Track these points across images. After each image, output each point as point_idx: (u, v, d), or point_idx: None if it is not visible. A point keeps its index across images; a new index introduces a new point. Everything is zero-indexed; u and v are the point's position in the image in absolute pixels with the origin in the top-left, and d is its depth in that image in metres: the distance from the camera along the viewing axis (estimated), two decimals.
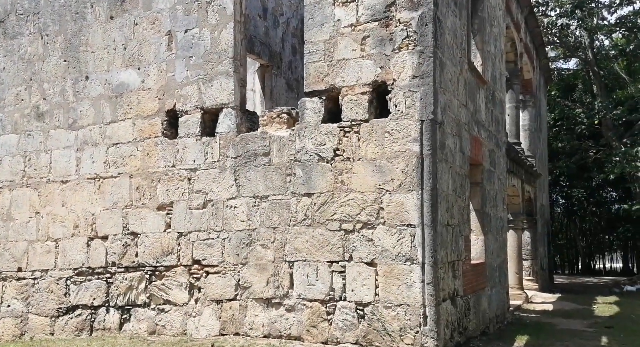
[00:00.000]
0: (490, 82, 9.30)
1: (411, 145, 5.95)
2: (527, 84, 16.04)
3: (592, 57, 22.14)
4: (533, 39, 15.71)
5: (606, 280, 23.32)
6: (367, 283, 6.02)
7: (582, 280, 23.80)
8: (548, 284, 17.92)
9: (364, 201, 6.13)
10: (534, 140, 16.29)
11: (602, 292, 16.88)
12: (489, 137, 9.07)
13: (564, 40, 22.77)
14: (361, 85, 6.25)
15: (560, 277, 25.92)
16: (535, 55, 16.49)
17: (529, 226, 15.85)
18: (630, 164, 19.14)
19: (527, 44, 14.49)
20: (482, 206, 8.54)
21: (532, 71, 16.06)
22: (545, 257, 18.51)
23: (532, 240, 15.96)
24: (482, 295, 7.97)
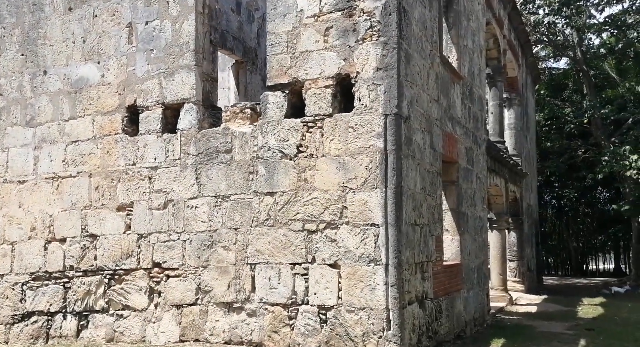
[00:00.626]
0: (467, 77, 9.06)
1: (375, 141, 5.68)
2: (512, 81, 15.83)
3: (581, 56, 21.99)
4: (518, 36, 15.51)
5: (597, 281, 23.17)
6: (330, 286, 5.74)
7: (573, 281, 23.63)
8: (536, 285, 17.70)
9: (328, 199, 5.85)
10: (520, 139, 16.07)
11: (590, 293, 16.68)
12: (465, 135, 8.82)
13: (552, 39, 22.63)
14: (324, 79, 5.98)
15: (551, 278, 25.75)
16: (521, 53, 16.29)
17: (514, 227, 15.64)
18: (619, 163, 18.98)
19: (511, 41, 14.28)
20: (457, 205, 8.28)
21: (518, 69, 15.85)
22: (533, 258, 18.29)
23: (518, 241, 15.74)
24: (457, 297, 7.71)
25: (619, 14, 21.44)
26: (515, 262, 15.72)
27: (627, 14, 21.11)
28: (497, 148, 12.20)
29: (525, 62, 17.27)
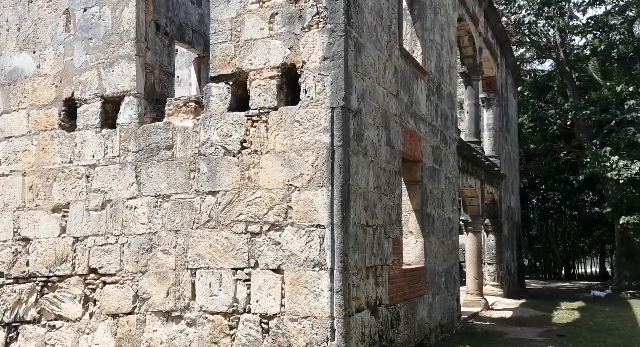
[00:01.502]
0: (435, 73, 8.70)
1: (321, 135, 5.27)
2: (491, 81, 15.53)
3: (564, 57, 21.82)
4: (496, 35, 15.23)
5: (580, 285, 22.95)
6: (272, 293, 5.31)
7: (557, 285, 23.40)
8: (517, 289, 17.38)
9: (272, 199, 5.43)
10: (499, 140, 15.76)
11: (570, 297, 16.41)
12: (432, 133, 8.45)
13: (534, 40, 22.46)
14: (269, 69, 5.56)
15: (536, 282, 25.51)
16: (500, 52, 16.01)
17: (493, 229, 15.31)
18: (600, 165, 18.79)
19: (488, 40, 13.98)
20: (422, 205, 7.90)
21: (497, 68, 15.56)
22: (514, 261, 17.99)
23: (497, 243, 15.40)
24: (419, 303, 7.31)
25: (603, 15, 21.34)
26: (494, 265, 15.38)
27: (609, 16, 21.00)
28: (471, 148, 11.87)
29: (505, 62, 17.00)
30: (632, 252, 21.10)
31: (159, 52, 8.58)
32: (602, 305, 14.27)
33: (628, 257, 21.15)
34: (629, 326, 9.66)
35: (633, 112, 19.43)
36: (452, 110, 9.90)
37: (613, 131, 20.00)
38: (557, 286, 22.59)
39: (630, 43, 21.73)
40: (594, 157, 18.93)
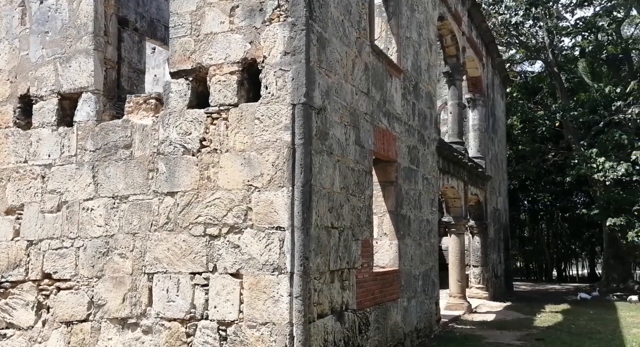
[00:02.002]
0: (411, 72, 8.51)
1: (282, 133, 5.04)
2: (476, 81, 15.38)
3: (553, 58, 21.73)
4: (481, 35, 15.07)
5: (569, 287, 22.85)
6: (231, 298, 5.06)
7: (546, 287, 23.29)
8: (504, 291, 17.22)
9: (231, 200, 5.19)
10: (485, 141, 15.60)
11: (557, 300, 16.28)
12: (408, 132, 8.25)
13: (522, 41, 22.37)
14: (230, 64, 5.33)
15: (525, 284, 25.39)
16: (486, 52, 15.86)
17: (478, 231, 15.14)
18: (586, 166, 18.69)
19: (472, 39, 13.82)
20: (396, 207, 7.69)
21: (482, 69, 15.41)
22: (501, 263, 17.83)
23: (482, 246, 15.22)
24: (392, 307, 7.09)
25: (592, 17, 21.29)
26: (479, 268, 15.20)
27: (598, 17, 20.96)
28: (453, 149, 11.69)
29: (491, 62, 16.85)
30: (620, 254, 21.02)
31: (128, 49, 8.35)
32: (588, 307, 14.14)
33: (616, 259, 21.06)
34: (611, 329, 9.50)
35: (620, 113, 19.35)
36: (432, 110, 9.71)
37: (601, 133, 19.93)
38: (546, 288, 22.48)
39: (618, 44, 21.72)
40: (581, 158, 18.84)
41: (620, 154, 18.67)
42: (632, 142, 17.93)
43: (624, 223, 17.83)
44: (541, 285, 24.94)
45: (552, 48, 21.93)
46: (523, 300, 16.21)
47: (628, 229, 17.67)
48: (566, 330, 9.34)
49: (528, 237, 33.04)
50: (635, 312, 13.05)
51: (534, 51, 22.82)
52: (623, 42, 21.66)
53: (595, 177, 18.54)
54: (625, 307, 14.41)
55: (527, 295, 18.87)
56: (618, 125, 19.64)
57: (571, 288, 21.83)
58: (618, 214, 18.19)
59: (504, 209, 19.39)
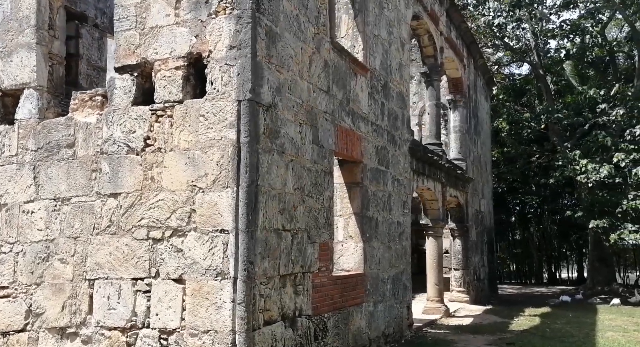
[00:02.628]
0: (380, 71, 8.30)
1: (227, 131, 4.80)
2: (457, 82, 15.23)
3: (538, 60, 21.65)
4: (462, 35, 14.93)
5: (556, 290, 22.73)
6: (173, 305, 4.80)
7: (533, 290, 23.18)
8: (487, 295, 17.04)
9: (175, 201, 4.93)
10: (466, 143, 15.43)
11: (540, 303, 16.14)
12: (376, 132, 8.03)
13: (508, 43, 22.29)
14: (175, 59, 5.09)
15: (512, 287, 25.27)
16: (467, 53, 15.71)
17: (459, 234, 14.95)
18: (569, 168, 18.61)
19: (451, 40, 13.66)
20: (362, 208, 7.46)
21: (463, 70, 15.26)
22: (484, 266, 17.66)
23: (463, 248, 15.02)
24: (355, 312, 6.86)
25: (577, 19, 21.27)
26: (460, 271, 15.00)
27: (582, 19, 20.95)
28: (428, 150, 11.50)
29: (473, 63, 16.71)
30: (605, 256, 20.93)
31: (87, 45, 8.08)
32: (569, 310, 14.00)
33: (601, 261, 20.96)
34: (585, 332, 9.34)
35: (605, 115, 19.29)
36: (404, 110, 9.51)
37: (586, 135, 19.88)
38: (533, 291, 22.37)
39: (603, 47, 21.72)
40: (565, 160, 18.75)
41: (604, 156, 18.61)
42: (616, 144, 17.85)
43: (606, 225, 17.73)
44: (529, 288, 24.84)
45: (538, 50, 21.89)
46: (506, 303, 16.05)
47: (611, 231, 17.57)
48: (540, 334, 9.15)
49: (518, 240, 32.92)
50: (615, 315, 12.92)
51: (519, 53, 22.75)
52: (608, 44, 21.67)
53: (578, 179, 18.48)
54: (606, 310, 14.28)
55: (512, 298, 18.73)
56: (603, 127, 19.60)
57: (557, 291, 21.70)
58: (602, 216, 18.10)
59: (488, 211, 19.25)
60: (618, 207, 17.36)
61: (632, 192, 17.51)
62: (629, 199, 17.27)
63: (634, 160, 16.92)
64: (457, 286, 15.00)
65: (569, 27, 21.60)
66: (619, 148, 17.44)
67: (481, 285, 16.84)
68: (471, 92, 16.47)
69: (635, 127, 17.63)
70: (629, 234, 17.11)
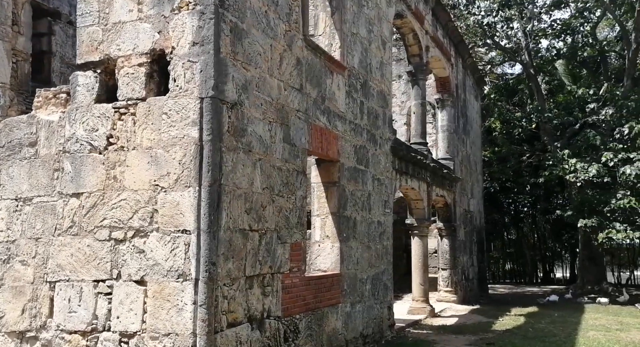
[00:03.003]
0: (359, 69, 8.21)
1: (190, 129, 4.69)
2: (444, 81, 15.16)
3: (529, 60, 21.57)
4: (449, 34, 14.86)
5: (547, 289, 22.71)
6: (134, 307, 4.69)
7: (525, 290, 23.16)
8: (476, 294, 16.99)
9: (137, 201, 4.82)
10: (454, 142, 15.37)
11: (529, 302, 16.10)
12: (354, 131, 7.94)
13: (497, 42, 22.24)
14: (138, 55, 4.97)
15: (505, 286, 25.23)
16: (455, 52, 15.64)
17: (447, 233, 14.89)
18: (558, 167, 18.58)
19: (437, 38, 13.58)
20: (339, 208, 7.36)
21: (451, 69, 15.19)
22: (473, 266, 17.60)
23: (451, 248, 14.95)
24: (330, 313, 6.75)
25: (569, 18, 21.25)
26: (448, 270, 14.93)
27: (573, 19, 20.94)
28: (412, 149, 11.42)
29: (462, 62, 16.65)
30: (594, 255, 20.90)
31: (60, 42, 7.95)
32: (556, 310, 13.95)
33: (590, 260, 20.93)
34: (567, 332, 9.28)
35: (594, 115, 19.27)
36: (385, 109, 9.42)
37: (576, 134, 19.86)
38: (524, 291, 22.34)
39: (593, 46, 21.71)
40: (555, 160, 18.71)
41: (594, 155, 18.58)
42: (605, 143, 17.81)
43: (595, 224, 17.69)
44: (521, 288, 24.80)
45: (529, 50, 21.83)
46: (495, 303, 16.00)
47: (599, 231, 17.54)
48: (522, 334, 9.08)
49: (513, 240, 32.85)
50: (601, 314, 12.88)
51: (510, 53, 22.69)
52: (598, 44, 21.66)
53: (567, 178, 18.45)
54: (593, 309, 14.25)
55: (502, 298, 18.69)
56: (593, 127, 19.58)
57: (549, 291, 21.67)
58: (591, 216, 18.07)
59: (478, 211, 19.21)
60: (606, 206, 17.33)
61: (620, 191, 17.48)
62: (617, 198, 17.23)
63: (622, 159, 16.90)
64: (445, 285, 14.94)
65: (559, 26, 21.60)
66: (607, 147, 17.41)
67: (470, 285, 16.78)
68: (459, 91, 16.42)
69: (624, 127, 17.59)
70: (617, 233, 17.08)
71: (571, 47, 21.91)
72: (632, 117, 17.20)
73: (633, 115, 17.29)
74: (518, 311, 13.32)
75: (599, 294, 18.22)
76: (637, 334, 9.16)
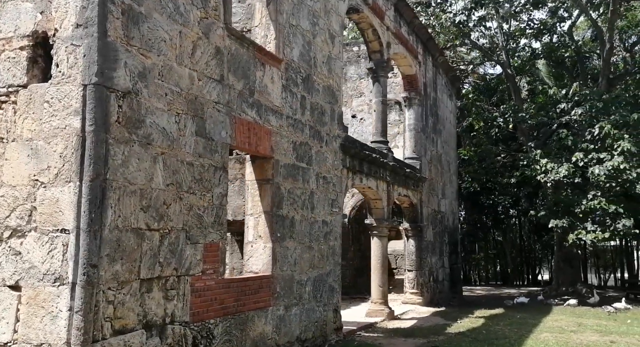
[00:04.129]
0: (300, 62, 7.85)
1: (72, 119, 4.30)
2: (411, 80, 14.86)
3: (506, 59, 21.35)
4: (416, 31, 14.56)
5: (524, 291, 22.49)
6: (6, 315, 4.28)
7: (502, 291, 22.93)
8: (447, 297, 16.68)
9: (16, 198, 4.42)
10: (421, 141, 15.05)
11: (496, 304, 15.86)
12: (293, 127, 7.58)
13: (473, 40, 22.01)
14: (20, 38, 4.58)
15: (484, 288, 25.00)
16: (424, 50, 15.36)
17: (413, 234, 14.57)
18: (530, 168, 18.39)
19: (401, 35, 13.27)
20: (272, 207, 7.00)
21: (419, 66, 14.90)
22: (444, 267, 17.31)
23: (417, 249, 14.63)
24: (257, 317, 6.37)
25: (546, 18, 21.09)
26: (414, 272, 14.60)
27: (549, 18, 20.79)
28: (369, 147, 11.10)
29: (432, 60, 16.36)
30: (570, 257, 20.73)
31: None
32: (521, 312, 13.72)
33: (565, 262, 20.76)
34: (520, 334, 9.00)
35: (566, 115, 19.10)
36: (333, 105, 9.07)
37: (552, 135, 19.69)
38: (501, 293, 22.09)
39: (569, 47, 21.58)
40: (528, 160, 18.51)
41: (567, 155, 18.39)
42: (576, 143, 17.64)
43: (566, 225, 17.50)
44: (499, 289, 24.57)
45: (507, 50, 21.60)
46: (464, 305, 15.73)
47: (570, 231, 17.35)
48: (473, 336, 8.78)
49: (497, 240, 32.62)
50: (565, 316, 12.65)
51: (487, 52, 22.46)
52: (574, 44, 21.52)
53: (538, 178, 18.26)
54: (559, 311, 14.03)
55: (475, 300, 18.44)
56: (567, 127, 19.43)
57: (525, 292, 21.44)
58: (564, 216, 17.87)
59: (450, 211, 18.89)
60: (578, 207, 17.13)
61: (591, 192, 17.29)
62: (588, 199, 17.05)
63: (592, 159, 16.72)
64: (411, 287, 14.62)
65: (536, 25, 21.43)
66: (580, 148, 17.22)
67: (439, 286, 16.48)
68: (429, 89, 16.12)
69: (594, 127, 17.42)
70: (586, 234, 16.90)
71: (547, 47, 21.78)
72: (602, 118, 17.03)
73: (604, 115, 17.12)
74: (481, 313, 13.05)
75: (573, 295, 18.03)
76: (590, 336, 8.92)
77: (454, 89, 20.98)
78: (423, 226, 14.81)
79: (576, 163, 16.96)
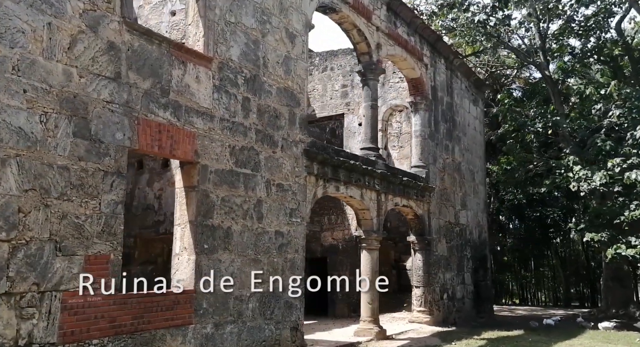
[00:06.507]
0: (241, 62, 7.31)
1: None
2: (417, 83, 13.95)
3: (543, 61, 19.75)
4: (419, 32, 13.69)
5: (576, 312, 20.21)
6: None
7: (547, 312, 20.84)
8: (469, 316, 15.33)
9: None
10: (429, 148, 14.02)
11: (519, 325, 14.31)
12: (230, 130, 7.02)
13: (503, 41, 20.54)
14: None
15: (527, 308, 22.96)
16: (431, 52, 14.43)
17: (420, 248, 13.48)
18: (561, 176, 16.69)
19: (397, 36, 12.46)
20: (198, 216, 6.43)
21: (424, 69, 13.99)
22: (464, 284, 15.97)
23: (424, 264, 13.51)
24: (168, 335, 5.75)
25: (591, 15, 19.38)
26: (421, 288, 13.47)
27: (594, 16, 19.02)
28: (346, 154, 10.33)
29: (445, 63, 15.37)
30: (620, 275, 18.54)
31: None
32: (541, 334, 12.24)
33: (615, 280, 18.59)
34: None
35: (606, 118, 17.27)
36: (294, 109, 8.44)
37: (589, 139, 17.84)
38: (543, 314, 19.99)
39: (616, 43, 19.61)
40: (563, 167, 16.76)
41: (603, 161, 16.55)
42: (615, 148, 15.72)
43: (605, 239, 15.60)
44: (546, 310, 22.36)
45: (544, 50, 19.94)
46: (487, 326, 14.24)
47: (609, 246, 15.39)
48: None
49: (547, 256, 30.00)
50: (589, 340, 11.12)
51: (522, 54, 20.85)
52: (622, 41, 19.50)
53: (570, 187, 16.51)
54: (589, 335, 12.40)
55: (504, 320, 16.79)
56: (609, 130, 17.57)
57: (570, 313, 19.33)
58: (604, 229, 15.97)
59: (475, 224, 17.46)
60: (616, 218, 15.21)
61: (634, 201, 15.25)
62: (631, 210, 15.10)
63: (631, 164, 14.80)
64: (418, 305, 13.45)
65: (582, 23, 19.61)
66: (620, 153, 15.34)
67: (457, 305, 15.17)
68: (440, 94, 15.10)
69: (636, 130, 15.43)
70: (626, 248, 14.94)
71: (597, 46, 19.78)
72: None
73: None
74: (490, 334, 11.73)
75: (624, 318, 16.02)
76: None
77: (480, 93, 19.68)
78: (431, 239, 13.68)
79: (613, 169, 15.13)
